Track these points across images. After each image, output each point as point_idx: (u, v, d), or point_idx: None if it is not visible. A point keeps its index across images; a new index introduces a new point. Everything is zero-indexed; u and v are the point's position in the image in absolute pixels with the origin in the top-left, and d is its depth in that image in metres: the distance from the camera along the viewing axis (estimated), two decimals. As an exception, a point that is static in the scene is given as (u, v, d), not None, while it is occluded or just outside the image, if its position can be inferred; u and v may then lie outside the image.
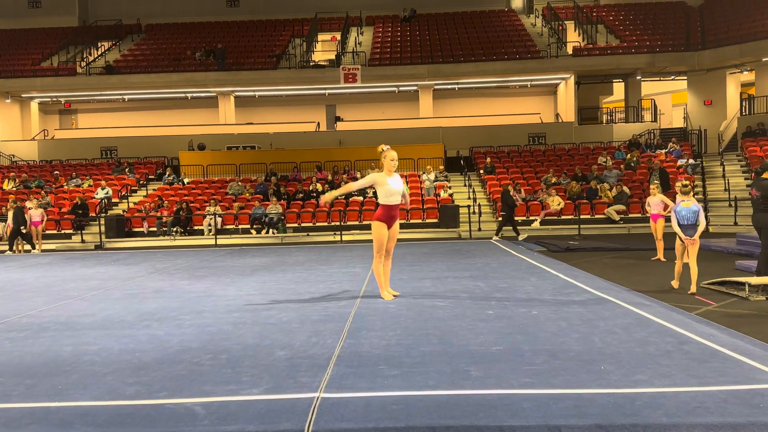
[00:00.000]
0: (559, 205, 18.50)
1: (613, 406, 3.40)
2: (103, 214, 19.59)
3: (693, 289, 7.43)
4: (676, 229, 7.60)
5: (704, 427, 3.12)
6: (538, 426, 3.18)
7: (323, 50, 28.72)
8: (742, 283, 7.26)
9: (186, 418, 3.44)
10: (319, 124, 26.59)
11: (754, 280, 7.27)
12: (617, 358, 4.34)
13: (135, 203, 20.78)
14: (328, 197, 7.11)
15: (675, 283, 7.89)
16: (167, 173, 22.71)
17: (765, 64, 23.72)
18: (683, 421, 3.18)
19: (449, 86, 26.70)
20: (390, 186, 6.96)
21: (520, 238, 15.84)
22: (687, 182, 7.82)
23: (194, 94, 27.02)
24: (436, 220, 18.86)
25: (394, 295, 7.14)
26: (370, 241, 7.29)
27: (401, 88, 26.75)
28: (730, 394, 3.54)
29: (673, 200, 11.00)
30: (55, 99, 27.31)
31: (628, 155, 21.53)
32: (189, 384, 4.05)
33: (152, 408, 3.63)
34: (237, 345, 5.08)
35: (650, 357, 4.34)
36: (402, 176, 21.64)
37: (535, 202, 18.86)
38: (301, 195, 20.29)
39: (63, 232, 19.19)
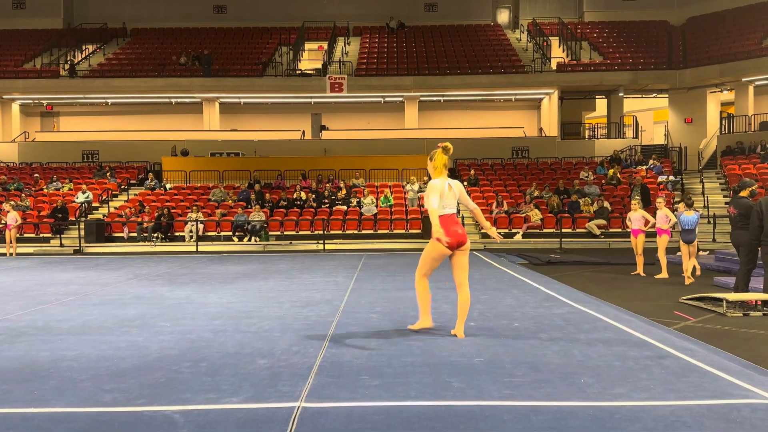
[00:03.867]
0: (536, 216, 18.64)
1: (592, 419, 3.42)
2: (82, 219, 19.35)
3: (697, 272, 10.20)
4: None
5: (682, 440, 3.16)
6: (518, 438, 3.20)
7: (310, 59, 28.75)
8: (720, 300, 7.36)
9: (164, 426, 3.41)
10: (304, 132, 26.57)
11: (732, 296, 7.37)
12: (597, 371, 4.38)
13: (116, 208, 20.57)
14: (442, 233, 5.39)
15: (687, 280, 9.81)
16: (149, 178, 22.52)
17: (744, 84, 24.18)
18: (661, 434, 3.21)
19: (435, 98, 26.85)
20: (444, 191, 5.53)
21: None
22: (691, 196, 8.31)
23: (179, 100, 26.86)
24: (419, 231, 18.89)
25: (425, 328, 5.82)
26: (353, 250, 7.24)
27: (387, 99, 26.85)
28: (707, 408, 3.58)
29: (654, 216, 11.17)
30: (36, 101, 26.99)
31: (611, 171, 21.78)
32: (168, 391, 4.01)
33: (130, 415, 3.59)
34: (217, 353, 5.05)
35: (629, 371, 4.38)
36: (385, 187, 21.83)
37: (518, 215, 18.98)
38: (284, 203, 20.22)
39: (41, 235, 18.91)
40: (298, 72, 26.57)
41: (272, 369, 4.52)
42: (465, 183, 22.08)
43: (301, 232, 18.97)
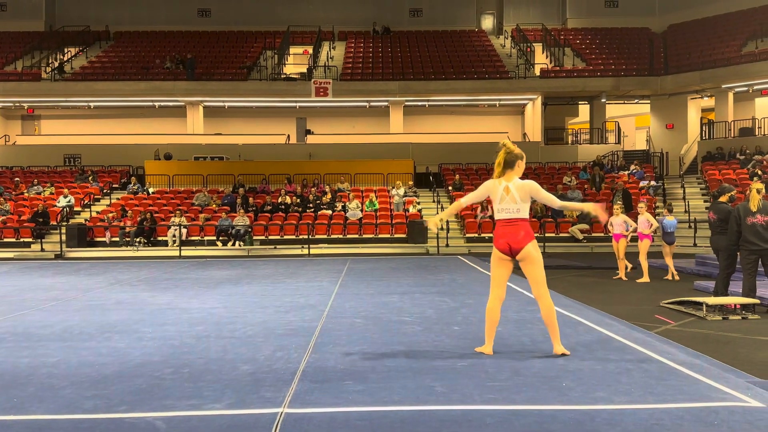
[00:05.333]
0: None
1: (573, 422, 3.45)
2: (64, 223, 19.14)
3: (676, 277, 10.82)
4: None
5: (661, 443, 3.20)
6: (500, 442, 3.22)
7: (295, 63, 28.73)
8: (700, 303, 7.46)
9: (146, 433, 3.38)
10: (289, 136, 26.52)
11: (712, 300, 7.48)
12: (578, 375, 4.42)
13: (98, 212, 20.37)
14: (437, 221, 5.16)
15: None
16: (132, 182, 22.35)
17: (724, 90, 24.55)
18: (641, 437, 3.25)
19: (420, 103, 26.94)
20: (496, 193, 4.98)
21: None
22: (671, 203, 8.32)
23: (162, 103, 26.70)
24: (404, 236, 18.92)
25: (484, 352, 5.10)
26: (338, 255, 7.22)
27: (372, 104, 26.90)
28: (686, 411, 3.63)
29: (635, 221, 11.30)
30: (17, 104, 26.68)
31: (592, 172, 21.97)
32: (150, 398, 3.98)
33: (111, 422, 3.56)
34: (200, 359, 5.02)
35: (610, 374, 4.43)
36: (370, 191, 21.85)
37: (502, 220, 19.07)
38: (269, 207, 20.15)
39: (22, 240, 18.68)
40: (283, 76, 26.55)
41: (255, 375, 4.50)
42: (450, 187, 22.20)
43: (285, 237, 18.91)
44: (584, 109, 29.05)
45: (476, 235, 18.92)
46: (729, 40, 25.84)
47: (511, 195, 4.91)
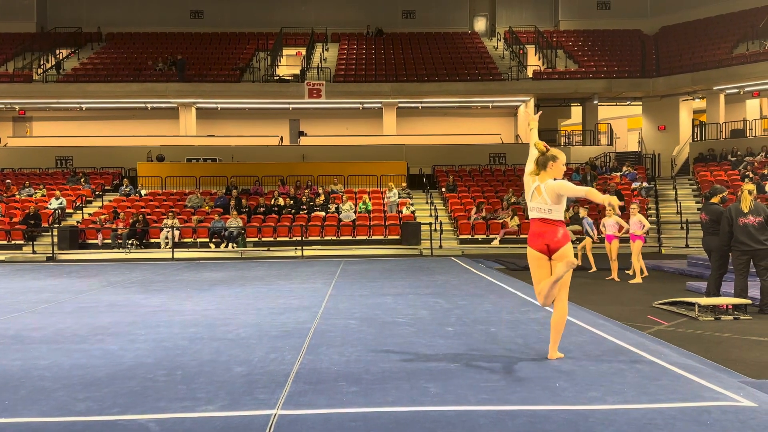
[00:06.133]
0: (513, 222, 18.81)
1: (566, 422, 3.46)
2: (56, 225, 19.04)
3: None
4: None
5: (654, 443, 3.22)
6: (494, 442, 3.23)
7: (288, 65, 28.69)
8: (693, 304, 7.50)
9: (139, 435, 3.37)
10: (282, 138, 26.49)
11: (704, 300, 7.52)
12: (572, 375, 4.43)
13: (90, 214, 20.28)
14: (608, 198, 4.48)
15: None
16: (124, 184, 22.26)
17: (715, 92, 24.69)
18: (634, 437, 3.27)
19: (413, 105, 26.96)
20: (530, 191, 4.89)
21: None
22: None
23: (155, 105, 26.60)
24: (397, 237, 18.93)
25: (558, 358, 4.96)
26: (331, 256, 7.18)
27: (365, 105, 26.90)
28: (679, 411, 3.64)
29: (628, 222, 11.34)
30: (9, 105, 26.52)
31: (585, 173, 22.05)
32: (143, 400, 3.97)
33: (104, 425, 3.55)
34: (193, 361, 5.00)
35: (603, 375, 4.44)
36: (364, 193, 21.82)
37: (496, 221, 19.13)
38: (262, 209, 20.11)
39: (13, 242, 18.57)
40: (276, 78, 26.51)
41: (249, 376, 4.49)
42: (443, 189, 22.22)
43: (279, 239, 18.88)
44: (577, 111, 29.16)
45: (469, 236, 18.95)
46: (720, 42, 26.00)
47: (542, 196, 4.78)
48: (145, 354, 5.26)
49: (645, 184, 21.73)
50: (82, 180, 22.54)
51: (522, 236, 18.70)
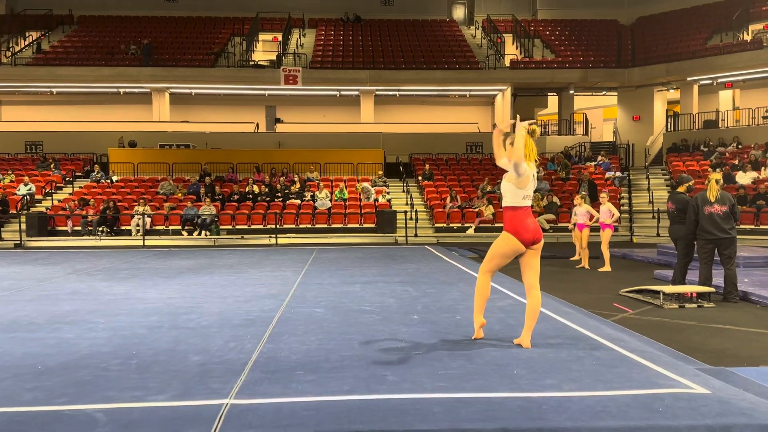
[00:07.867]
0: (489, 210, 18.85)
1: (520, 410, 3.45)
2: (24, 212, 18.65)
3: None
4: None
5: (605, 430, 3.21)
6: (445, 430, 3.20)
7: (264, 50, 28.37)
8: (658, 292, 7.56)
9: (85, 425, 3.28)
10: (258, 125, 26.20)
11: (669, 288, 7.58)
12: (530, 363, 4.42)
13: (60, 201, 19.89)
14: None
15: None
16: (95, 170, 21.87)
17: (689, 83, 24.93)
18: (586, 424, 3.26)
19: (390, 92, 26.83)
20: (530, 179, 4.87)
21: None
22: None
23: (127, 90, 26.13)
24: (373, 225, 18.87)
25: (480, 326, 5.18)
26: (306, 244, 7.08)
27: (342, 92, 26.71)
28: (632, 398, 3.64)
29: (599, 211, 11.40)
30: (-24, 89, 25.88)
31: (559, 167, 22.17)
32: (92, 390, 3.87)
33: (49, 414, 3.45)
34: (149, 350, 4.90)
35: (562, 362, 4.44)
36: (340, 181, 21.68)
37: (471, 210, 19.15)
38: (236, 196, 19.90)
39: (-21, 229, 18.15)
40: (251, 63, 26.20)
41: (205, 366, 4.41)
42: (420, 177, 22.19)
43: (253, 226, 18.72)
44: (553, 101, 29.27)
45: (444, 225, 18.96)
46: (695, 33, 26.24)
47: (532, 182, 4.88)
48: (101, 343, 5.15)
49: (618, 173, 21.91)
50: (52, 166, 22.09)
51: (497, 224, 18.77)
